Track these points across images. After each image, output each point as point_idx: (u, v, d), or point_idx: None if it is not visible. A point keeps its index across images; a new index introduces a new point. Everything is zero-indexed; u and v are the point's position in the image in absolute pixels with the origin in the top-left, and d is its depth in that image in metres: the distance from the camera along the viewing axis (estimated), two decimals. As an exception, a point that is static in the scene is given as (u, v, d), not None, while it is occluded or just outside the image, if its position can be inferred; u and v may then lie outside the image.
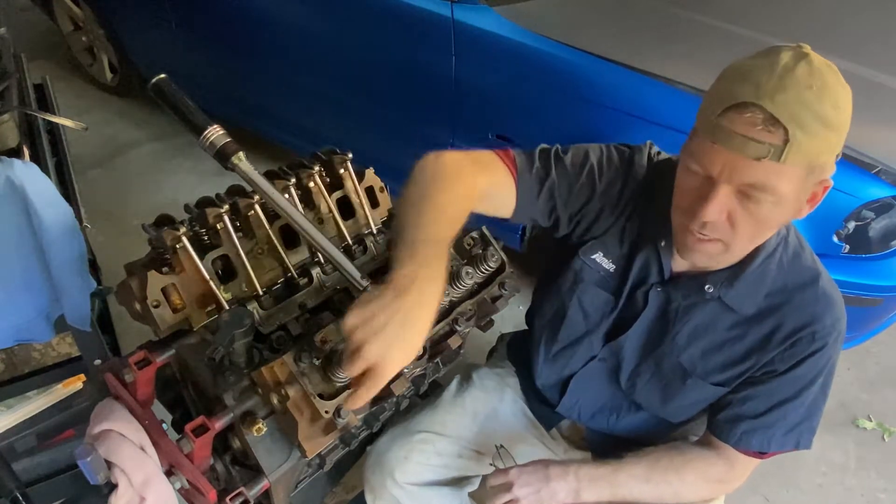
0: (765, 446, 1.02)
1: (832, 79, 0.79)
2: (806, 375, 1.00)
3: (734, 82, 0.80)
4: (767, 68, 0.78)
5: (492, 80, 1.98)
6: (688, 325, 1.05)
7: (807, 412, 1.02)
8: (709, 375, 1.06)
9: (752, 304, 1.00)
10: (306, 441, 0.90)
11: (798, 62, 0.78)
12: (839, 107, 0.79)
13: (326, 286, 1.09)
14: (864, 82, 1.88)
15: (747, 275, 0.98)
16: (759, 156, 0.77)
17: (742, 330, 1.02)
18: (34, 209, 1.09)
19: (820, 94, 0.77)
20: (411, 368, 0.98)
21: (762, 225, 0.87)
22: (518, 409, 1.33)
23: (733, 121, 0.79)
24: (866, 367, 2.28)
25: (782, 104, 0.76)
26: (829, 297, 0.99)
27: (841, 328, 0.99)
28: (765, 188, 0.80)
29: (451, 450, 1.27)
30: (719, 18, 2.07)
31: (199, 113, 0.97)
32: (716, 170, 0.82)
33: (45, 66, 3.63)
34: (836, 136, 0.80)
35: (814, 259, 1.03)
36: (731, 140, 0.79)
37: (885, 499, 1.90)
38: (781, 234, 1.00)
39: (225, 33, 2.62)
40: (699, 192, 0.85)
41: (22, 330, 1.22)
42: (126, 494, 0.87)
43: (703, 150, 0.83)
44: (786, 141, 0.76)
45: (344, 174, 1.14)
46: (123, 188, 2.92)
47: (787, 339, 0.99)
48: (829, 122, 0.77)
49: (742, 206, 0.84)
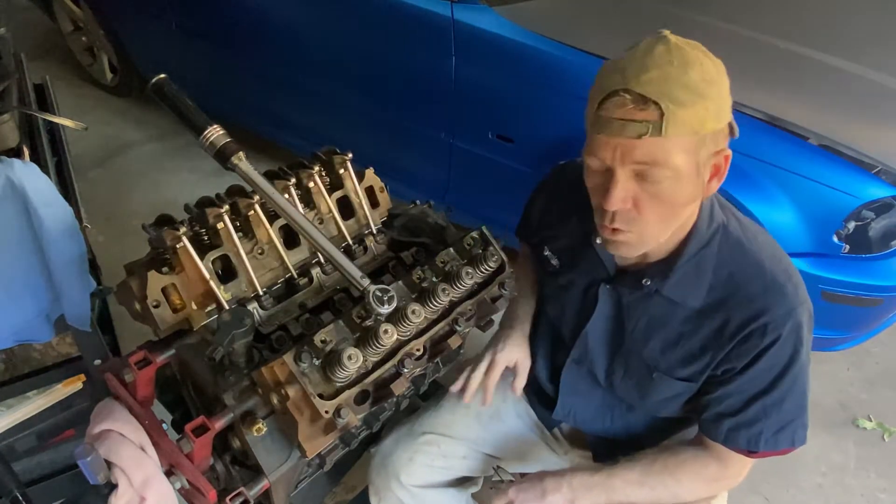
0: (753, 445, 1.00)
1: (693, 53, 0.84)
2: (771, 369, 0.97)
3: (604, 77, 0.86)
4: (629, 57, 0.84)
5: (492, 80, 1.98)
6: (641, 320, 1.06)
7: (796, 409, 0.99)
8: (672, 370, 1.06)
9: (695, 297, 1.00)
10: (306, 441, 0.90)
11: (656, 45, 0.84)
12: (707, 77, 0.82)
13: (326, 286, 1.09)
14: (864, 82, 1.88)
15: (680, 266, 0.99)
16: (640, 133, 0.82)
17: (695, 324, 1.02)
18: (34, 209, 1.09)
19: (683, 67, 0.81)
20: (411, 368, 0.98)
21: (668, 204, 0.89)
22: (521, 409, 1.33)
23: (609, 109, 0.84)
24: (866, 367, 2.28)
25: (647, 83, 0.81)
26: (779, 287, 0.96)
27: (799, 317, 0.96)
28: (656, 162, 0.84)
29: (456, 451, 1.27)
30: (719, 18, 2.07)
31: (199, 113, 0.97)
32: (608, 157, 0.86)
33: (45, 66, 3.62)
34: (714, 105, 0.83)
35: (764, 246, 1.00)
36: (611, 126, 0.84)
37: (885, 499, 1.90)
38: (718, 222, 1.00)
39: (225, 33, 2.62)
40: (603, 187, 0.90)
41: (22, 330, 1.22)
42: (126, 494, 0.87)
43: (593, 143, 0.88)
44: (661, 115, 0.81)
45: (344, 174, 1.14)
46: (123, 188, 2.92)
47: (738, 333, 0.97)
48: (700, 91, 0.81)
49: (643, 189, 0.87)
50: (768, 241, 1.03)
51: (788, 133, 1.68)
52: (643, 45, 0.85)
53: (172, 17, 2.73)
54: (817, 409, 2.14)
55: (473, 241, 1.12)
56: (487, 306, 1.12)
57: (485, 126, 2.05)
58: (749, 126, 1.71)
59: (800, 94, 1.83)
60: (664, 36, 0.85)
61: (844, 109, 1.81)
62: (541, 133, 1.94)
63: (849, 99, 1.84)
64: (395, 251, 1.19)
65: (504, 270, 1.12)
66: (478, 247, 1.11)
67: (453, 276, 1.02)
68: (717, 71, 0.85)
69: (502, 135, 2.03)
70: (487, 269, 1.08)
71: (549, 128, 1.91)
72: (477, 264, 1.06)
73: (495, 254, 1.08)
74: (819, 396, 2.17)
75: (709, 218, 0.98)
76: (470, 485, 1.34)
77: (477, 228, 1.13)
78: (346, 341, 0.92)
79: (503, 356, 1.20)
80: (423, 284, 1.04)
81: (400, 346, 0.98)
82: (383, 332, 0.89)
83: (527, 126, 1.98)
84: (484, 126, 2.06)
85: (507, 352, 1.21)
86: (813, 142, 1.67)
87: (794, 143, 1.67)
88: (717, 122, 0.85)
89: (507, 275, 1.12)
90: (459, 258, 1.10)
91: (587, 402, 1.22)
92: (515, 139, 2.00)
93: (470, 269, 1.03)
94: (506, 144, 2.03)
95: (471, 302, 1.07)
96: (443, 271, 1.06)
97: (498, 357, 1.20)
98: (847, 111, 1.80)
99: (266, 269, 1.05)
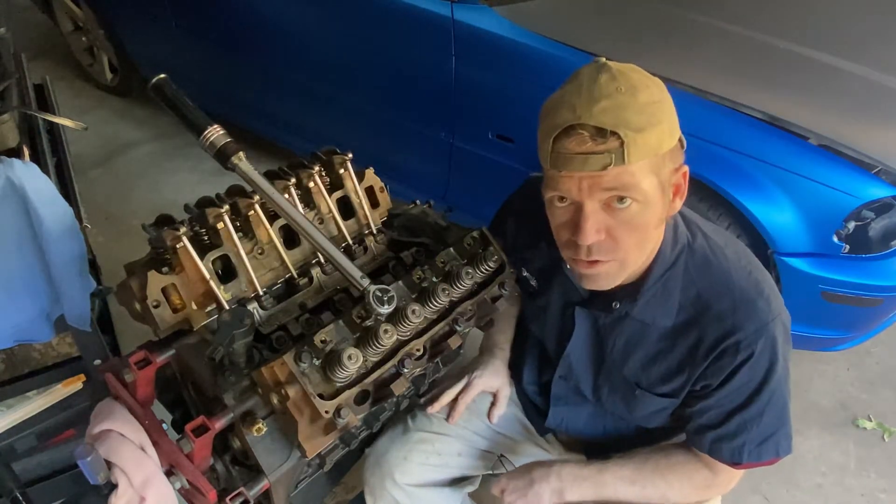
0: (736, 457, 1.00)
1: (636, 77, 0.84)
2: (747, 384, 0.97)
3: (552, 114, 0.85)
4: (575, 90, 0.83)
5: (492, 80, 1.99)
6: (619, 339, 1.06)
7: (778, 422, 0.99)
8: (653, 387, 1.06)
9: (665, 318, 1.00)
10: (306, 441, 0.90)
11: (599, 74, 0.83)
12: (655, 98, 0.83)
13: (326, 286, 1.09)
14: (865, 82, 1.88)
15: (647, 288, 0.98)
16: (605, 164, 0.81)
17: (670, 342, 1.01)
18: (34, 209, 1.09)
19: (632, 93, 0.81)
20: (411, 368, 0.98)
21: (641, 228, 0.89)
22: (513, 415, 1.33)
23: (567, 145, 0.83)
24: (866, 367, 2.28)
25: (601, 113, 0.80)
26: (749, 303, 0.94)
27: (772, 332, 0.94)
28: (626, 189, 0.83)
29: (451, 449, 1.27)
30: (719, 18, 2.07)
31: (199, 113, 0.97)
32: (573, 192, 0.86)
33: (45, 66, 3.63)
34: (667, 123, 0.84)
35: (735, 260, 0.99)
36: (572, 163, 0.83)
37: (885, 499, 1.90)
38: (683, 242, 0.99)
39: (225, 33, 2.62)
40: (573, 222, 0.89)
41: (22, 330, 1.22)
42: (126, 494, 0.87)
43: (557, 181, 0.87)
44: (621, 143, 0.80)
45: (344, 174, 1.14)
46: (123, 188, 2.92)
47: (711, 352, 0.96)
48: (652, 113, 0.82)
49: (615, 218, 0.87)
50: (738, 252, 1.01)
51: (788, 133, 1.68)
52: (584, 77, 0.84)
53: (172, 17, 2.73)
54: (817, 409, 2.14)
55: (473, 241, 1.12)
56: (487, 306, 1.11)
57: (485, 126, 2.05)
58: (749, 126, 1.71)
59: (800, 94, 1.83)
60: (603, 63, 0.85)
61: (844, 109, 1.81)
62: (541, 133, 1.95)
63: (849, 99, 1.84)
64: (395, 251, 1.19)
65: (504, 270, 1.12)
66: (478, 247, 1.11)
67: (453, 276, 1.02)
68: (660, 89, 0.86)
69: (502, 135, 2.03)
70: (487, 269, 1.07)
71: (549, 128, 1.91)
72: (477, 264, 1.06)
73: (495, 254, 1.08)
74: (819, 396, 2.17)
75: (672, 239, 0.98)
76: (466, 484, 1.34)
77: (477, 228, 1.13)
78: (346, 341, 0.92)
79: (481, 381, 1.24)
80: (423, 284, 1.04)
81: (400, 346, 0.98)
82: (383, 332, 0.89)
83: (527, 126, 1.96)
84: (484, 126, 2.06)
85: (486, 378, 1.25)
86: (813, 142, 1.67)
87: (794, 143, 1.67)
88: (671, 139, 0.86)
89: (507, 275, 1.12)
90: (459, 258, 1.10)
91: (578, 414, 1.23)
92: (515, 139, 2.00)
93: (470, 269, 1.03)
94: (506, 144, 2.03)
95: (471, 302, 1.07)
96: (443, 271, 1.06)
97: (475, 381, 1.24)
98: (847, 111, 1.80)
99: (266, 269, 1.05)
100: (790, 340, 1.00)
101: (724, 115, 1.72)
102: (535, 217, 1.10)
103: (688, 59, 1.89)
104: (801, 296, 1.74)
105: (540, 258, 1.14)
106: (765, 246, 1.72)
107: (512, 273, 1.13)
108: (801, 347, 1.91)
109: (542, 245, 1.11)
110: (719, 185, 1.70)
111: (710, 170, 1.71)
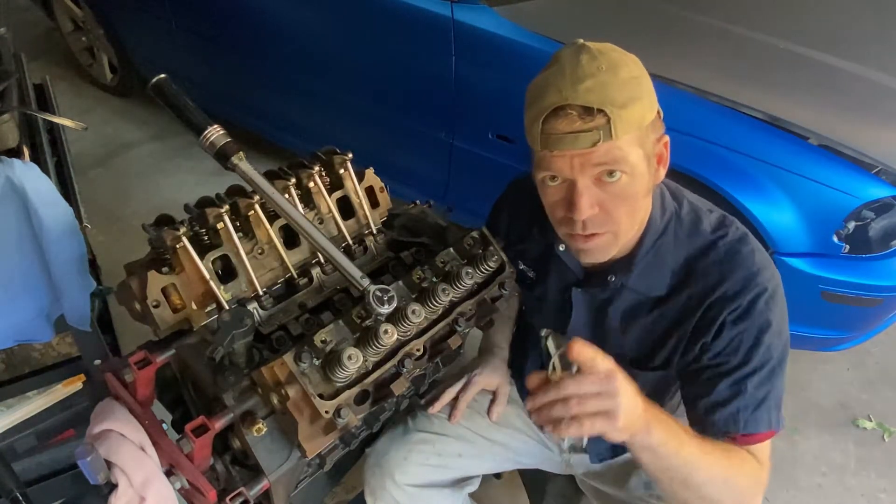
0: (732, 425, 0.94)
1: (615, 55, 0.87)
2: (741, 339, 0.95)
3: (538, 98, 0.88)
4: (559, 72, 0.87)
5: (492, 80, 1.99)
6: (616, 313, 1.08)
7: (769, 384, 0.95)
8: (649, 360, 1.07)
9: (659, 286, 1.03)
10: (306, 441, 0.90)
11: (579, 54, 0.86)
12: (634, 74, 0.87)
13: (326, 286, 1.09)
14: (864, 82, 1.88)
15: (640, 258, 1.01)
16: (594, 141, 0.84)
17: (663, 308, 1.04)
18: (34, 209, 1.09)
19: (613, 70, 0.85)
20: (411, 368, 0.98)
21: (631, 199, 0.92)
22: (515, 412, 1.33)
23: (556, 126, 0.86)
24: (866, 367, 2.28)
25: (586, 92, 0.83)
26: (735, 254, 0.97)
27: (761, 281, 0.95)
28: (615, 163, 0.87)
29: (451, 450, 1.27)
30: (719, 18, 2.07)
31: (199, 113, 0.97)
32: (566, 170, 0.89)
33: (45, 66, 3.63)
34: (647, 98, 0.88)
35: (719, 221, 1.02)
36: (562, 142, 0.86)
37: (885, 499, 1.90)
38: (670, 211, 1.02)
39: (225, 33, 2.62)
40: (566, 199, 0.92)
41: (22, 330, 1.22)
42: (126, 494, 0.87)
43: (548, 161, 0.90)
44: (608, 120, 0.83)
45: (344, 174, 1.14)
46: (123, 188, 2.92)
47: (700, 304, 0.98)
48: (633, 88, 0.86)
49: (606, 192, 0.90)
50: (723, 216, 1.04)
51: (788, 133, 1.68)
52: (566, 58, 0.87)
53: (172, 16, 2.73)
54: (817, 409, 2.14)
55: (473, 241, 1.12)
56: (487, 306, 1.11)
57: (485, 126, 2.05)
58: (749, 126, 1.71)
59: (800, 94, 1.83)
60: (582, 44, 0.88)
61: (844, 109, 1.81)
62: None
63: (849, 99, 1.85)
64: (395, 251, 1.19)
65: (504, 270, 1.12)
66: (478, 247, 1.11)
67: (453, 276, 1.02)
68: (637, 65, 0.89)
69: (502, 135, 2.03)
70: (487, 269, 1.07)
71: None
72: (477, 264, 1.06)
73: (495, 254, 1.08)
74: (819, 396, 2.18)
75: (661, 208, 1.02)
76: (467, 484, 1.34)
77: (477, 228, 1.13)
78: (346, 341, 0.92)
79: (481, 379, 1.26)
80: (423, 284, 1.04)
81: (400, 346, 0.98)
82: (383, 332, 0.89)
83: (527, 126, 1.98)
84: (484, 126, 2.06)
85: (486, 376, 1.27)
86: (813, 142, 1.67)
87: (795, 143, 1.68)
88: (651, 112, 0.89)
89: (507, 275, 1.12)
90: (459, 258, 1.09)
91: None
92: (515, 139, 2.00)
93: (470, 269, 1.03)
94: (506, 144, 2.03)
95: (471, 302, 1.07)
96: (443, 271, 1.06)
97: (476, 379, 1.26)
98: (847, 111, 1.80)
99: (266, 269, 1.05)
100: (783, 300, 0.98)
101: (724, 115, 1.72)
102: (525, 207, 1.15)
103: (688, 59, 1.89)
104: (801, 296, 1.74)
105: (534, 247, 1.16)
106: (765, 246, 1.72)
107: (512, 273, 1.13)
108: (801, 347, 1.91)
109: (534, 231, 1.14)
110: (719, 185, 1.71)
111: (710, 170, 1.71)
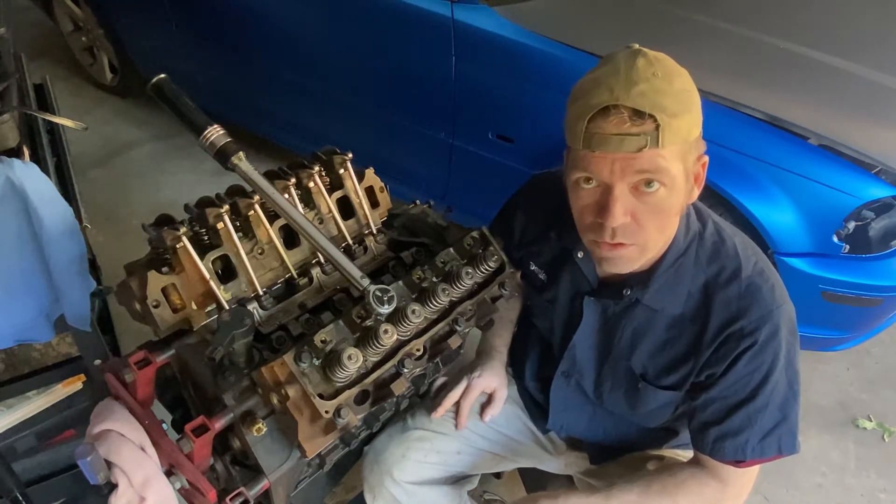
0: (740, 454, 0.98)
1: (670, 64, 0.86)
2: (752, 375, 0.96)
3: (587, 95, 0.85)
4: (612, 72, 0.84)
5: (492, 80, 1.98)
6: (627, 329, 1.06)
7: (780, 414, 0.97)
8: (658, 378, 1.05)
9: (675, 305, 1.01)
10: (306, 441, 0.90)
11: (636, 58, 0.84)
12: (687, 87, 0.86)
13: (326, 286, 1.09)
14: (864, 82, 1.88)
15: (659, 275, 1.00)
16: (640, 146, 0.82)
17: (678, 330, 1.02)
18: (34, 209, 1.09)
19: (667, 78, 0.83)
20: (411, 368, 0.98)
21: (664, 213, 0.90)
22: (515, 413, 1.33)
23: (603, 126, 0.83)
24: (866, 367, 2.28)
25: (638, 96, 0.81)
26: (755, 291, 0.96)
27: (776, 319, 0.95)
28: (656, 173, 0.84)
29: (450, 447, 1.27)
30: (719, 18, 2.07)
31: (199, 113, 0.97)
32: (605, 173, 0.86)
33: (45, 66, 3.63)
34: (696, 111, 0.86)
35: (741, 250, 1.00)
36: (608, 143, 0.83)
37: (885, 499, 1.90)
38: (694, 231, 1.00)
39: (225, 33, 2.62)
40: (599, 205, 0.89)
41: (22, 330, 1.22)
42: (126, 494, 0.87)
43: (588, 161, 0.87)
44: (657, 126, 0.81)
45: (344, 174, 1.14)
46: (123, 188, 2.92)
47: (716, 338, 0.97)
48: (685, 100, 0.84)
49: (641, 202, 0.88)
50: (745, 243, 1.03)
51: (788, 133, 1.68)
52: (621, 60, 0.85)
53: (172, 16, 2.73)
54: (817, 409, 2.14)
55: (473, 241, 1.12)
56: (487, 306, 1.11)
57: (485, 126, 2.05)
58: (749, 126, 1.71)
59: (800, 94, 1.83)
60: (639, 49, 0.86)
61: (844, 109, 1.81)
62: (541, 133, 1.94)
63: (849, 99, 1.84)
64: (395, 251, 1.19)
65: (504, 270, 1.12)
66: (478, 247, 1.11)
67: (453, 276, 1.02)
68: (689, 79, 0.88)
69: (502, 135, 2.03)
70: (487, 269, 1.07)
71: (549, 128, 1.91)
72: (477, 264, 1.06)
73: (495, 254, 1.08)
74: (819, 396, 2.17)
75: (685, 227, 1.00)
76: (466, 482, 1.34)
77: (477, 228, 1.13)
78: (346, 341, 0.92)
79: (480, 382, 1.25)
80: (423, 284, 1.04)
81: (400, 346, 0.98)
82: (383, 332, 0.89)
83: (527, 126, 1.98)
84: (484, 126, 2.06)
85: (485, 378, 1.25)
86: (813, 142, 1.67)
87: (795, 143, 1.67)
88: (697, 128, 0.87)
89: (507, 275, 1.12)
90: (459, 258, 1.10)
91: (579, 417, 1.23)
92: (515, 139, 2.00)
93: (470, 269, 1.03)
94: (506, 144, 2.03)
95: (471, 302, 1.07)
96: (443, 271, 1.06)
97: (475, 382, 1.24)
98: (847, 111, 1.80)
99: (266, 269, 1.05)
100: (796, 333, 0.99)
101: (724, 115, 1.72)
102: (544, 209, 1.13)
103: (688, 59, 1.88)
104: (801, 296, 1.74)
105: (549, 250, 1.14)
106: (765, 246, 1.72)
107: (512, 273, 1.13)
108: (802, 347, 1.90)
109: (551, 235, 1.12)
110: (719, 185, 1.70)
111: (710, 170, 1.70)
